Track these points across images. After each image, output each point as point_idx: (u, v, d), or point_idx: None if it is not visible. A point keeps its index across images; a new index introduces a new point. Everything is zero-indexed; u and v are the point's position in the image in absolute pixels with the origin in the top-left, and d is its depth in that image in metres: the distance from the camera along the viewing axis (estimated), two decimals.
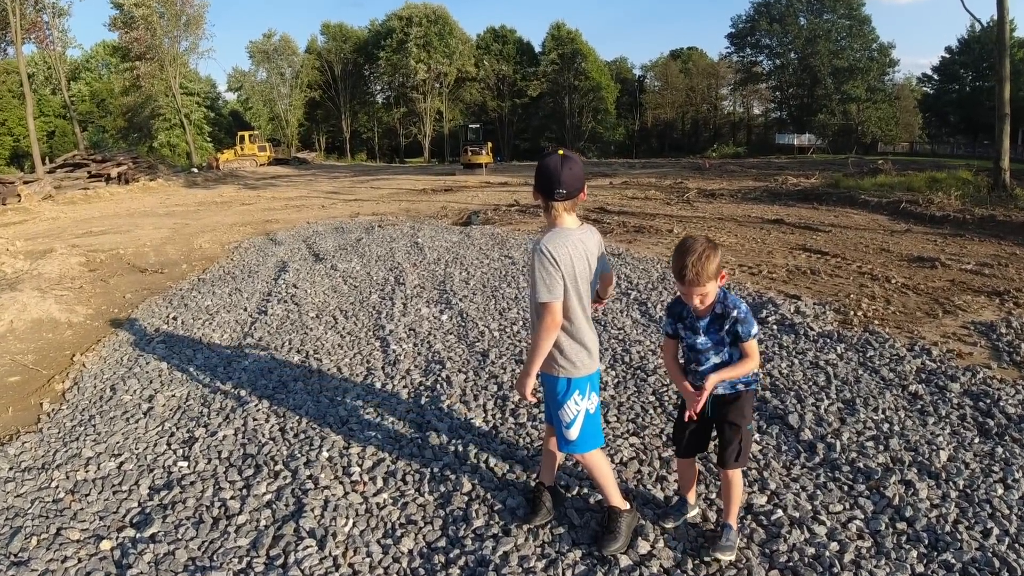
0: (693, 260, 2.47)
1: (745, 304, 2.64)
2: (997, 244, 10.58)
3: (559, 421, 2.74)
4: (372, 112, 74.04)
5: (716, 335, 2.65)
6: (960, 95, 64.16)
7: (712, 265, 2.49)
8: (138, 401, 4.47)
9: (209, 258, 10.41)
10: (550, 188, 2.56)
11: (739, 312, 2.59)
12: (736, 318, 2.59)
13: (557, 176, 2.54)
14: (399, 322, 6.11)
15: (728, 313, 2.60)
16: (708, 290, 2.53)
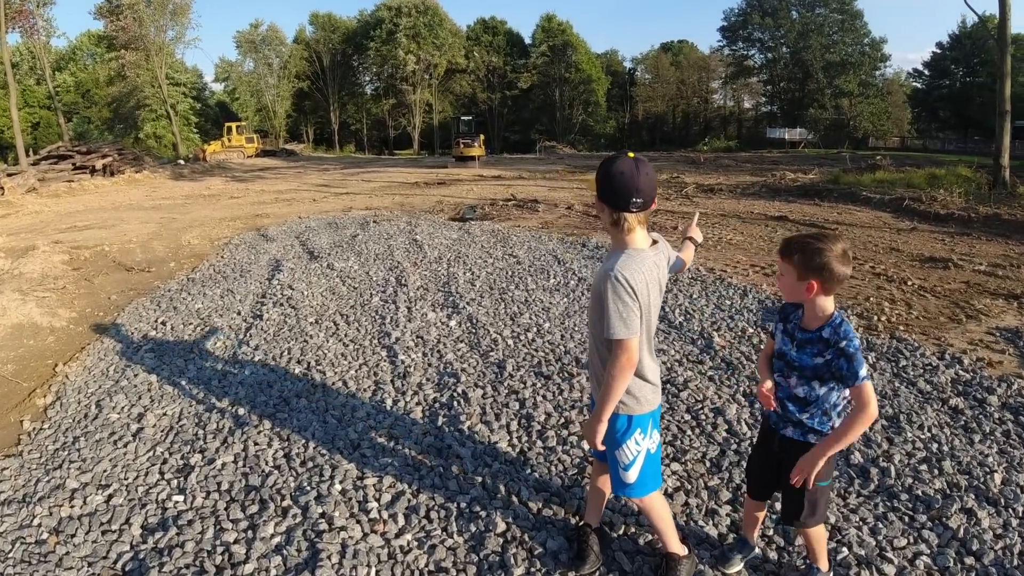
0: (797, 239, 2.22)
1: (857, 339, 2.23)
2: (1005, 244, 10.39)
3: (615, 462, 2.41)
4: (361, 103, 73.22)
5: (810, 359, 2.26)
6: (951, 90, 64.34)
7: (814, 260, 2.13)
8: (126, 420, 4.10)
9: (198, 255, 10.00)
10: (626, 198, 2.13)
11: (849, 345, 2.16)
12: (844, 350, 2.16)
13: (635, 183, 2.12)
14: (405, 328, 5.77)
15: (836, 342, 2.19)
16: (785, 277, 2.25)
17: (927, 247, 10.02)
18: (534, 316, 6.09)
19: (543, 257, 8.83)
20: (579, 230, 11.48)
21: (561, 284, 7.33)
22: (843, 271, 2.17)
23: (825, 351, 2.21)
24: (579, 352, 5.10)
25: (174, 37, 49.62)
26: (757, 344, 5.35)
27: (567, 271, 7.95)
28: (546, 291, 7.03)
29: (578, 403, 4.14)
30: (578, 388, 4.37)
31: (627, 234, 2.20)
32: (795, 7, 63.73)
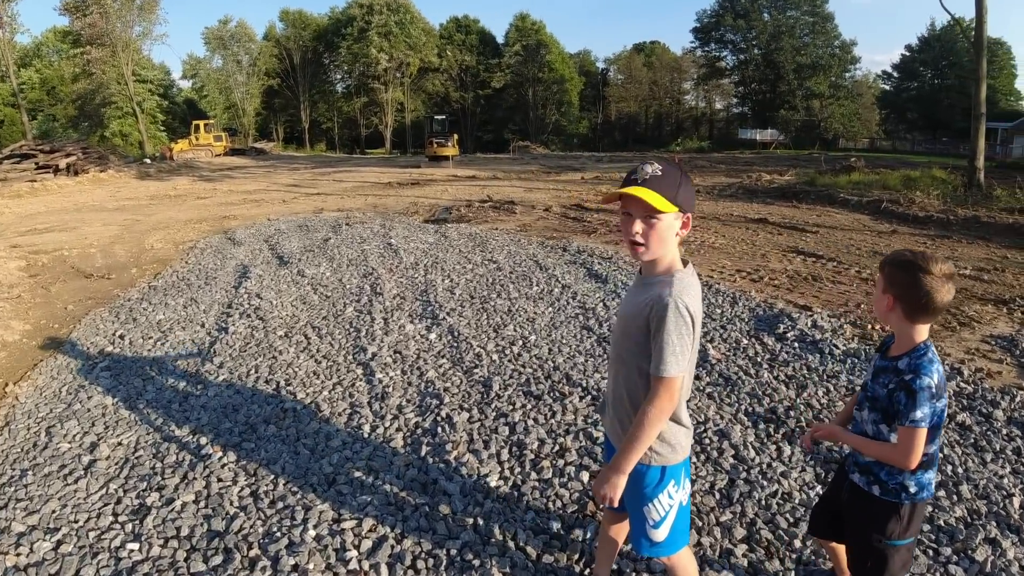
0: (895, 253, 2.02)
1: (935, 379, 1.93)
2: (987, 246, 10.36)
3: (642, 519, 2.08)
4: (332, 102, 72.33)
5: (880, 389, 2.02)
6: (919, 92, 65.55)
7: (898, 274, 1.95)
8: (78, 451, 3.70)
9: (161, 260, 9.52)
10: (692, 205, 1.94)
11: (916, 381, 1.90)
12: (907, 384, 1.91)
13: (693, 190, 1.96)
14: (382, 342, 5.41)
15: (905, 373, 1.94)
16: (876, 289, 2.04)
17: None
18: (519, 328, 5.78)
19: (524, 263, 8.53)
20: (559, 233, 11.21)
21: (545, 292, 7.03)
22: (934, 296, 1.91)
23: (892, 381, 1.98)
24: (569, 368, 4.81)
25: (141, 33, 48.48)
26: (753, 356, 5.11)
27: (550, 278, 7.66)
28: (529, 299, 6.73)
29: (572, 427, 3.84)
30: (571, 410, 4.07)
31: (676, 250, 1.94)
32: (767, 9, 64.32)
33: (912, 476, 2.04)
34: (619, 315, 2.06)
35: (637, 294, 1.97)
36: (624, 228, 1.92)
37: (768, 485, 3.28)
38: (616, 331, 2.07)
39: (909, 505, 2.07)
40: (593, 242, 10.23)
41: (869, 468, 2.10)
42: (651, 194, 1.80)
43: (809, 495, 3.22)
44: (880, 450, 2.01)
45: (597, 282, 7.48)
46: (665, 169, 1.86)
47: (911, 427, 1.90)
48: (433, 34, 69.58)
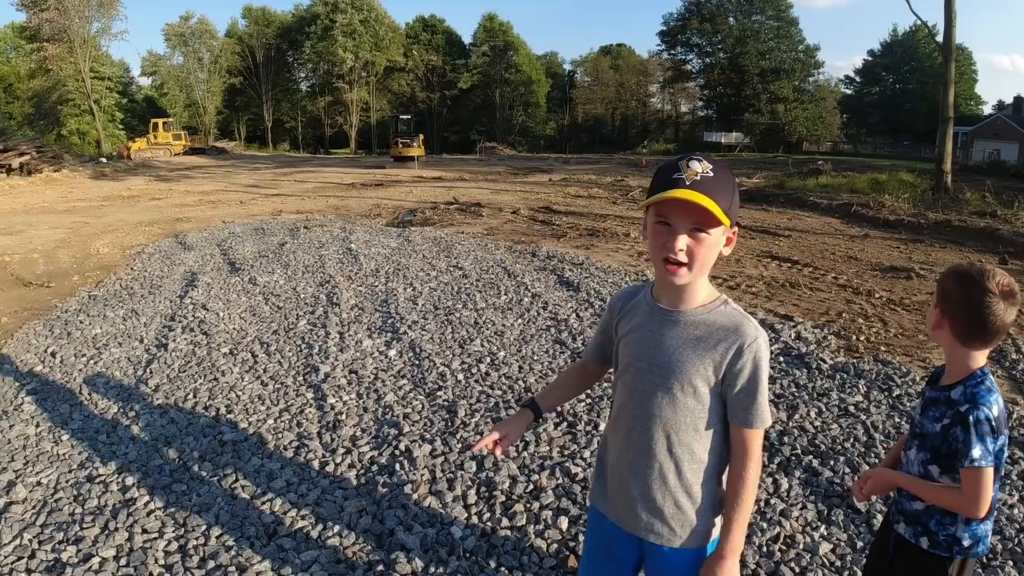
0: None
1: (995, 411, 1.63)
2: (960, 251, 10.29)
3: None
4: (296, 100, 71.09)
5: (931, 424, 1.73)
6: (881, 96, 66.93)
7: (950, 286, 1.69)
8: None
9: (106, 267, 8.89)
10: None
11: (973, 412, 1.61)
12: (963, 417, 1.62)
13: None
14: (336, 361, 4.93)
15: (959, 404, 1.65)
16: (930, 315, 1.75)
17: (884, 255, 9.79)
18: (486, 342, 5.36)
19: (491, 269, 8.12)
20: (527, 237, 10.83)
21: (514, 302, 6.62)
22: (988, 315, 1.62)
23: (946, 414, 1.69)
24: (541, 389, 4.40)
25: (100, 29, 46.98)
26: None
27: (519, 285, 7.26)
28: (497, 310, 6.32)
29: (547, 461, 3.43)
30: (545, 440, 3.66)
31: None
32: (732, 13, 65.01)
33: (967, 527, 1.72)
34: (655, 362, 1.55)
35: (681, 332, 1.53)
36: (657, 241, 1.46)
37: (768, 528, 2.93)
38: (647, 385, 1.56)
39: (959, 561, 1.76)
40: (563, 247, 9.87)
41: (917, 517, 1.79)
42: (707, 200, 1.38)
43: (814, 538, 2.87)
44: (945, 496, 1.69)
45: (569, 290, 7.10)
46: (716, 169, 1.43)
47: (973, 468, 1.60)
48: (399, 33, 68.84)
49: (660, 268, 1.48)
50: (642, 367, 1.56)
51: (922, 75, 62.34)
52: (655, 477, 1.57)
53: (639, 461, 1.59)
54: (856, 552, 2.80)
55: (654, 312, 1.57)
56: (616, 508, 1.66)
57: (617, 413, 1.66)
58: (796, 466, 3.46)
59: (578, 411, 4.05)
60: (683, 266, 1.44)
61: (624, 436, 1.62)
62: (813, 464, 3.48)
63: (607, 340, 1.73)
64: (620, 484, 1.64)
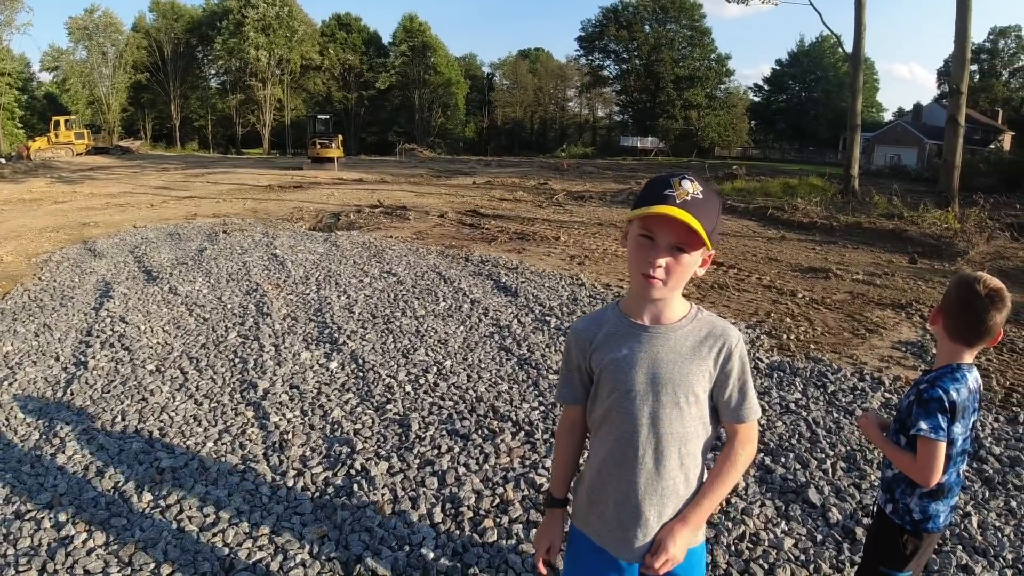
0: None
1: (954, 396, 1.84)
2: (871, 251, 10.85)
3: None
4: (205, 98, 68.19)
5: (903, 400, 1.98)
6: (788, 104, 70.33)
7: (951, 291, 1.93)
8: None
9: (11, 277, 8.19)
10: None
11: (930, 391, 1.84)
12: (920, 393, 1.87)
13: None
14: (274, 375, 4.69)
15: (920, 384, 1.90)
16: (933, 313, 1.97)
17: (802, 256, 10.21)
18: (430, 351, 5.23)
19: (426, 275, 7.98)
20: (458, 241, 10.73)
21: (453, 308, 6.52)
22: (975, 315, 1.83)
23: (912, 393, 1.92)
24: (493, 398, 4.33)
25: (2, 22, 43.57)
26: None
27: (457, 291, 7.16)
28: (438, 317, 6.20)
29: (510, 473, 3.36)
30: (504, 450, 3.59)
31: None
32: (648, 21, 66.83)
33: (918, 501, 1.92)
34: (657, 382, 1.54)
35: (672, 347, 1.54)
36: (640, 254, 1.47)
37: (734, 527, 2.97)
38: (652, 408, 1.54)
39: (912, 534, 1.95)
40: (495, 251, 9.82)
41: (888, 484, 2.01)
42: (695, 221, 1.40)
43: (776, 533, 2.93)
44: (900, 458, 1.91)
45: (507, 295, 7.06)
46: (706, 192, 1.46)
47: (921, 437, 1.81)
48: (315, 30, 67.18)
49: (637, 280, 1.50)
50: (641, 389, 1.54)
51: (827, 84, 65.94)
52: (670, 494, 1.58)
53: (656, 487, 1.57)
54: (817, 545, 2.88)
55: (637, 332, 1.56)
56: (627, 545, 1.61)
57: (616, 444, 1.59)
58: (750, 464, 3.53)
59: (533, 419, 4.00)
60: (659, 280, 1.46)
61: (629, 466, 1.57)
62: (766, 462, 3.56)
63: (585, 377, 1.66)
64: (632, 519, 1.59)
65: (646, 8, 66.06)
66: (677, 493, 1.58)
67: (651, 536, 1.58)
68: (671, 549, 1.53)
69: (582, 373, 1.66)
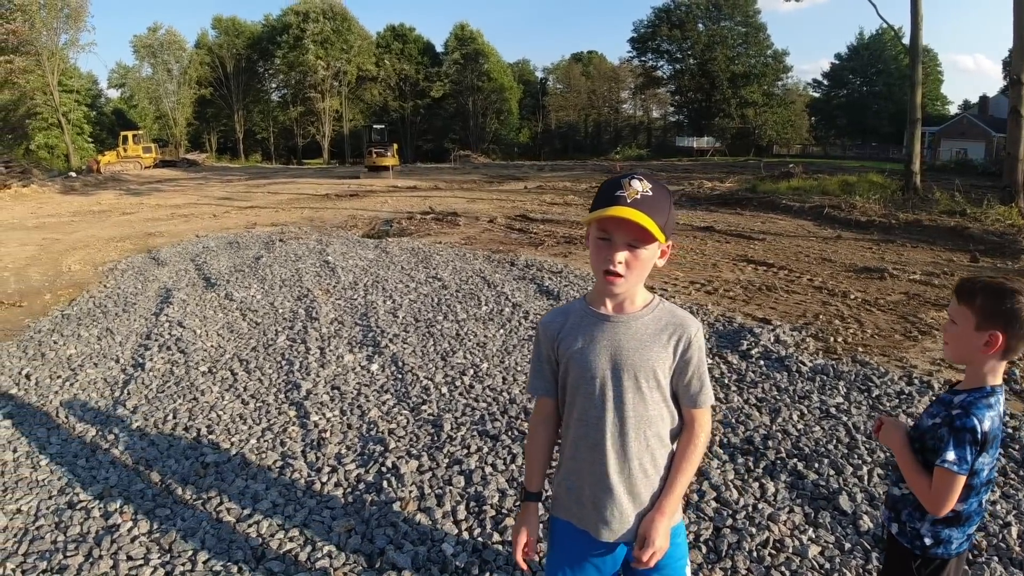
0: (981, 278, 1.72)
1: (986, 426, 1.66)
2: (931, 250, 10.47)
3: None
4: (267, 111, 70.49)
5: (926, 419, 1.79)
6: (848, 99, 68.11)
7: (1004, 304, 1.64)
8: None
9: (78, 284, 8.72)
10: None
11: (963, 420, 1.65)
12: (952, 420, 1.67)
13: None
14: (317, 377, 4.88)
15: (953, 408, 1.70)
16: (957, 326, 1.72)
17: (857, 256, 9.94)
18: (468, 354, 5.34)
19: (471, 279, 8.10)
20: (505, 246, 10.84)
21: (495, 312, 6.61)
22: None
23: (940, 413, 1.74)
24: (526, 400, 4.40)
25: (68, 41, 46.08)
26: (720, 378, 4.82)
27: (499, 295, 7.25)
28: (479, 321, 6.30)
29: None
30: None
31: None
32: (701, 20, 65.86)
33: (931, 526, 1.79)
34: (619, 367, 1.63)
35: (633, 333, 1.64)
36: (599, 254, 1.58)
37: (757, 533, 2.94)
38: (616, 392, 1.63)
39: (923, 560, 1.81)
40: (541, 255, 9.89)
41: (895, 503, 1.88)
42: (645, 218, 1.51)
43: (802, 541, 2.90)
44: (917, 479, 1.74)
45: (549, 299, 7.11)
46: (655, 189, 1.57)
47: (943, 469, 1.65)
48: (371, 42, 68.70)
49: (600, 279, 1.61)
50: (605, 375, 1.64)
51: (888, 77, 63.63)
52: (639, 474, 1.66)
53: (624, 467, 1.66)
54: (844, 554, 2.82)
55: (599, 322, 1.66)
56: (605, 524, 1.68)
57: (586, 429, 1.68)
58: (781, 470, 3.49)
59: None
60: (621, 277, 1.57)
61: (599, 448, 1.66)
62: (798, 467, 3.51)
63: (554, 367, 1.75)
64: (607, 498, 1.67)
65: (699, 6, 65.13)
66: (645, 473, 1.66)
67: (626, 514, 1.66)
68: (656, 541, 1.62)
69: (552, 363, 1.74)
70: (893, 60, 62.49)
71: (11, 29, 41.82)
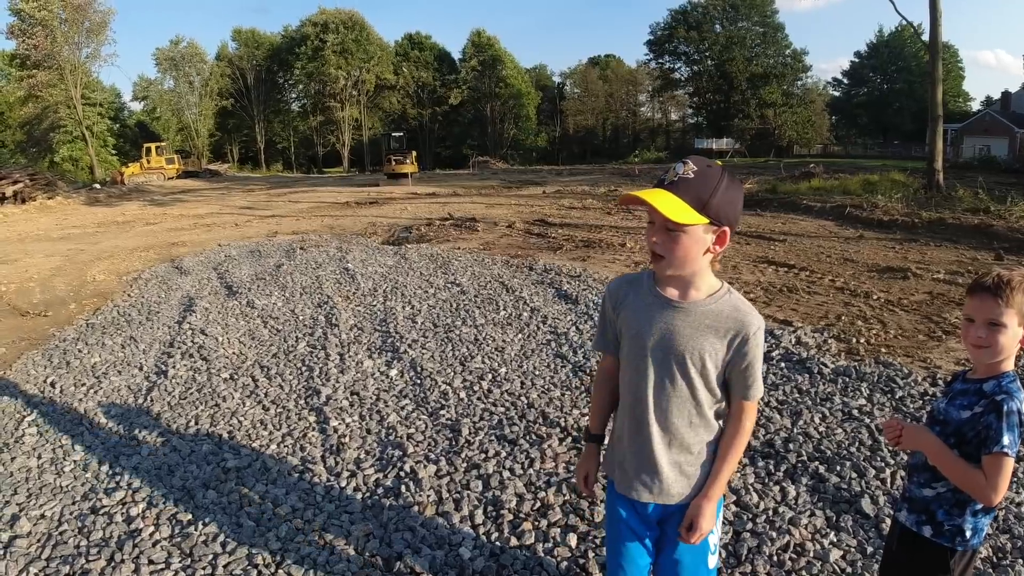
0: (1011, 275, 1.67)
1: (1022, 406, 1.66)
2: (955, 249, 10.31)
3: (706, 548, 1.82)
4: (287, 121, 71.39)
5: (956, 411, 1.74)
6: (869, 97, 67.38)
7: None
8: None
9: (103, 294, 8.85)
10: (734, 216, 1.65)
11: (1009, 402, 1.64)
12: (999, 405, 1.64)
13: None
14: (337, 382, 4.92)
15: (994, 394, 1.67)
16: (1004, 325, 1.66)
17: (880, 256, 9.82)
18: (487, 359, 5.35)
19: (489, 284, 8.12)
20: (523, 251, 10.84)
21: (513, 317, 6.62)
22: None
23: (977, 404, 1.71)
24: (544, 404, 4.39)
25: (90, 55, 47.03)
26: None
27: (518, 300, 7.26)
28: (497, 326, 6.31)
29: (553, 478, 3.42)
30: (550, 456, 3.65)
31: (708, 266, 1.68)
32: (718, 20, 65.53)
33: (972, 518, 1.76)
34: (667, 349, 1.68)
35: (692, 320, 1.66)
36: (647, 236, 1.66)
37: (778, 537, 2.91)
38: (661, 370, 1.70)
39: (961, 552, 1.79)
40: (560, 259, 9.88)
41: (925, 505, 1.81)
42: (668, 201, 1.53)
43: (823, 545, 2.86)
44: (966, 476, 1.68)
45: (567, 304, 7.10)
46: (700, 170, 1.57)
47: (1000, 454, 1.62)
48: (388, 51, 69.29)
49: (650, 256, 1.69)
50: (656, 356, 1.69)
51: (909, 74, 62.84)
52: (681, 451, 1.75)
53: (666, 442, 1.74)
54: (867, 558, 2.78)
55: (660, 305, 1.70)
56: (646, 489, 1.79)
57: (633, 399, 1.77)
58: (803, 473, 3.45)
59: (583, 424, 4.04)
60: (662, 259, 1.61)
61: (644, 421, 1.75)
62: (820, 470, 3.46)
63: (615, 331, 1.83)
64: (646, 467, 1.77)
65: (716, 7, 64.81)
66: (689, 451, 1.75)
67: (666, 484, 1.76)
68: (704, 525, 1.73)
69: (614, 326, 1.82)
70: (913, 57, 61.71)
71: (33, 44, 42.72)
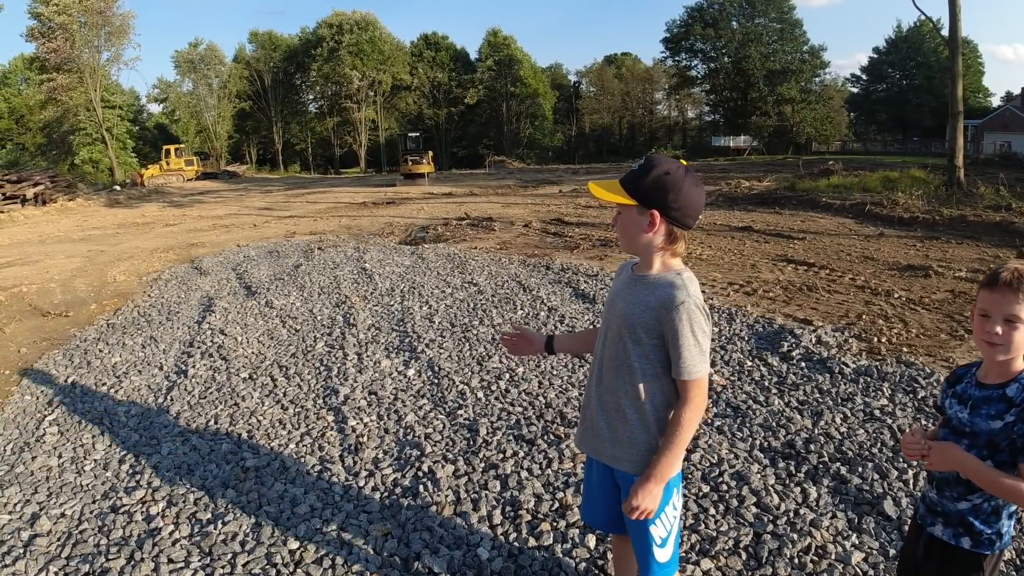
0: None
1: None
2: (977, 246, 10.16)
3: (648, 538, 1.93)
4: (305, 122, 71.80)
5: (986, 422, 1.67)
6: (888, 93, 66.57)
7: None
8: (17, 524, 3.21)
9: (123, 294, 8.95)
10: (695, 213, 1.85)
11: None
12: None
13: (703, 197, 1.90)
14: (355, 382, 4.94)
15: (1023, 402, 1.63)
16: (1022, 320, 1.59)
17: (900, 254, 9.69)
18: (504, 359, 5.34)
19: (506, 284, 8.12)
20: (540, 250, 10.83)
21: (530, 316, 6.61)
22: None
23: (1007, 412, 1.64)
24: (562, 404, 4.38)
25: (110, 58, 47.59)
26: (759, 380, 4.74)
27: (535, 299, 7.25)
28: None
29: (572, 478, 3.41)
30: (568, 456, 3.64)
31: (677, 255, 1.88)
32: (735, 17, 65.01)
33: (1008, 520, 1.75)
34: (615, 315, 1.91)
35: (634, 293, 1.88)
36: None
37: (799, 539, 2.88)
38: (612, 335, 1.91)
39: (992, 554, 1.77)
40: (576, 258, 9.86)
41: (961, 518, 1.76)
42: (605, 185, 1.85)
43: (845, 547, 2.82)
44: (1009, 488, 1.61)
45: (585, 302, 7.08)
46: (644, 162, 1.84)
47: None
48: (404, 51, 69.49)
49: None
50: (610, 322, 1.94)
51: (928, 70, 62.03)
52: (617, 415, 1.90)
53: (605, 401, 1.93)
54: (888, 560, 2.75)
55: (626, 279, 1.96)
56: (591, 446, 2.01)
57: (593, 358, 2.03)
58: (824, 474, 3.41)
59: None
60: (619, 238, 1.92)
61: (592, 376, 2.00)
62: (841, 472, 3.42)
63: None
64: (592, 425, 1.99)
65: (732, 4, 64.27)
66: (623, 416, 1.89)
67: (605, 443, 1.94)
68: (641, 504, 1.80)
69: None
70: (932, 52, 60.87)
71: (52, 48, 43.24)
